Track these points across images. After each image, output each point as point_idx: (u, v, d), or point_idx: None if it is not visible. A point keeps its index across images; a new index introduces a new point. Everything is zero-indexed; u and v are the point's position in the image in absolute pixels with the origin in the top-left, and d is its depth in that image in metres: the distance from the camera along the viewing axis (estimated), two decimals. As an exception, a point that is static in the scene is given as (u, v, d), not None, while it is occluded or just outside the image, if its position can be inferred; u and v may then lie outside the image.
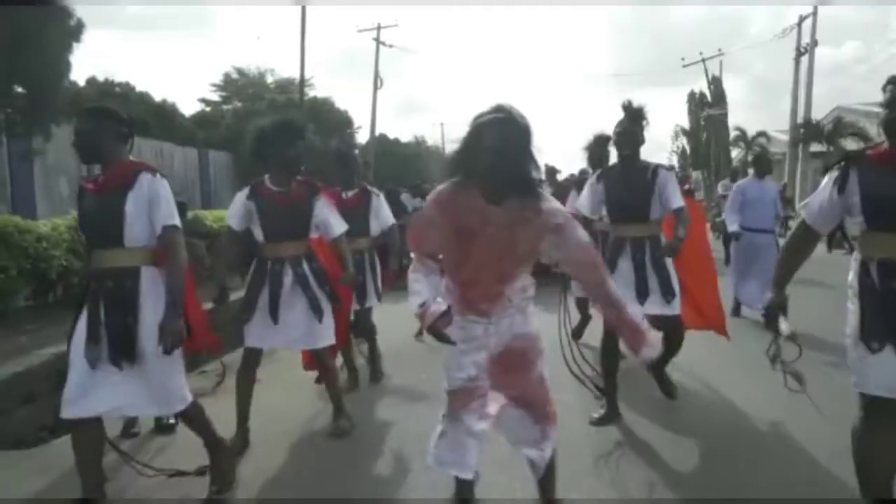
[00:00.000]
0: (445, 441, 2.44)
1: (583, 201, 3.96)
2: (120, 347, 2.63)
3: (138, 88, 16.73)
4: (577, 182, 5.94)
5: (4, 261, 5.65)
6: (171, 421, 3.80)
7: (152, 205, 2.67)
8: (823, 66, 69.39)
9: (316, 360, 3.82)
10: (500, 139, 2.12)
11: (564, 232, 2.30)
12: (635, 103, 3.72)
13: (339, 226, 3.76)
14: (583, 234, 2.38)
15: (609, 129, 3.89)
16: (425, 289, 2.30)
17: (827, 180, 2.36)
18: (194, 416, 2.89)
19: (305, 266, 3.57)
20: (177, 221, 2.74)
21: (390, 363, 5.10)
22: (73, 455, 2.70)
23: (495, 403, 2.49)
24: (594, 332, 4.53)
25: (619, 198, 3.80)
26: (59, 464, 3.19)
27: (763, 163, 6.88)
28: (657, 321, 3.82)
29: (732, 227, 6.55)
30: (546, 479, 2.57)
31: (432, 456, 2.48)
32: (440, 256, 2.43)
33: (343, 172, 4.71)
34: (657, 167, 3.76)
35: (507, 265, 2.35)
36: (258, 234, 3.59)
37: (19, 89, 7.42)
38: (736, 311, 6.59)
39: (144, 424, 3.80)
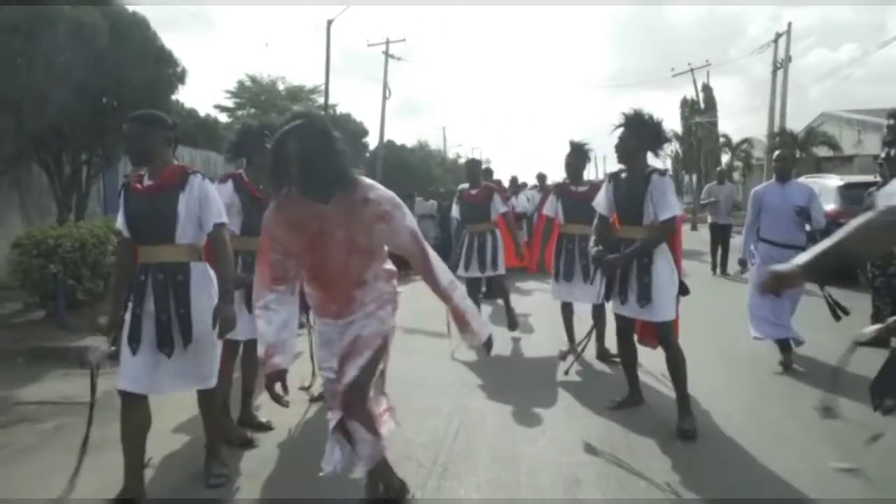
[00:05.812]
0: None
1: (599, 201, 3.99)
2: (169, 336, 2.79)
3: (187, 105, 18.44)
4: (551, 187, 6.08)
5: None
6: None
7: (203, 205, 2.88)
8: (820, 68, 70.69)
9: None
10: (301, 147, 2.11)
11: (392, 220, 2.27)
12: (628, 109, 3.74)
13: None
14: (411, 222, 2.35)
15: (609, 131, 3.82)
16: (271, 329, 2.29)
17: None
18: (213, 398, 3.04)
19: None
20: (225, 219, 2.99)
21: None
22: None
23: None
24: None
25: (619, 200, 3.84)
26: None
27: (783, 164, 5.26)
28: (651, 328, 3.82)
29: (745, 250, 5.36)
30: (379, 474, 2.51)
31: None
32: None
33: None
34: (651, 172, 3.68)
35: (356, 263, 2.33)
36: (235, 228, 3.52)
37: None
38: (787, 364, 4.87)
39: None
